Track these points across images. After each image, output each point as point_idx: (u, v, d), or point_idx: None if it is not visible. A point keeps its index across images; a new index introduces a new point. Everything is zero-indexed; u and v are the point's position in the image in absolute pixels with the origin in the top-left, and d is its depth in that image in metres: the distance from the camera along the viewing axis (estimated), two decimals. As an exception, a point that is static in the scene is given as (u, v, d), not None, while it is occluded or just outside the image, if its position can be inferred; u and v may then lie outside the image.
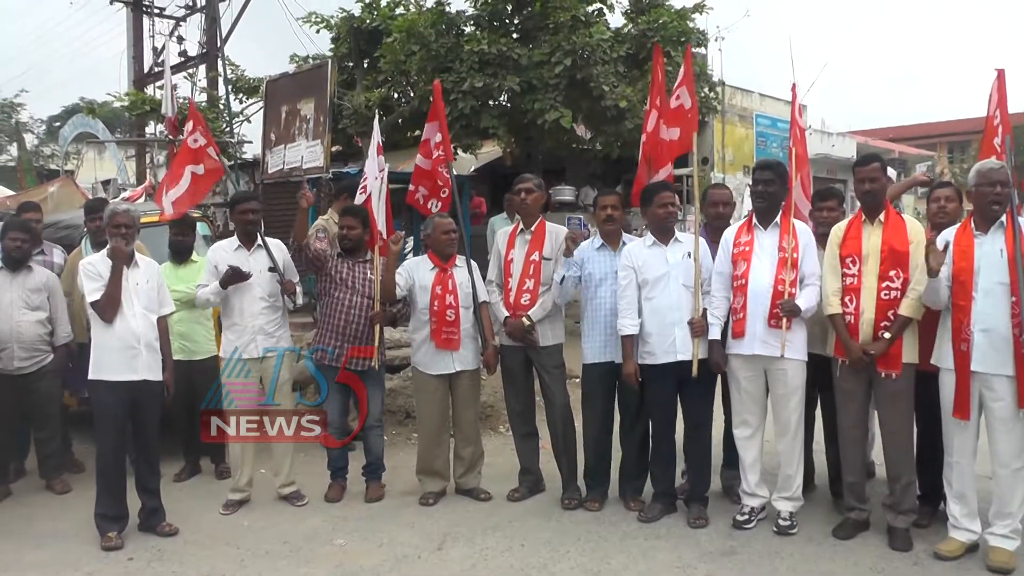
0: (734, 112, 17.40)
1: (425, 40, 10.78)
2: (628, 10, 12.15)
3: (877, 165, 4.91)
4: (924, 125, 45.04)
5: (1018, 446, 4.43)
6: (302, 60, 13.48)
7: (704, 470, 5.27)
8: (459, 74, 10.65)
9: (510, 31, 11.44)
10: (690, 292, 5.05)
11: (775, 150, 17.51)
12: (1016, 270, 4.33)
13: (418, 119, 11.55)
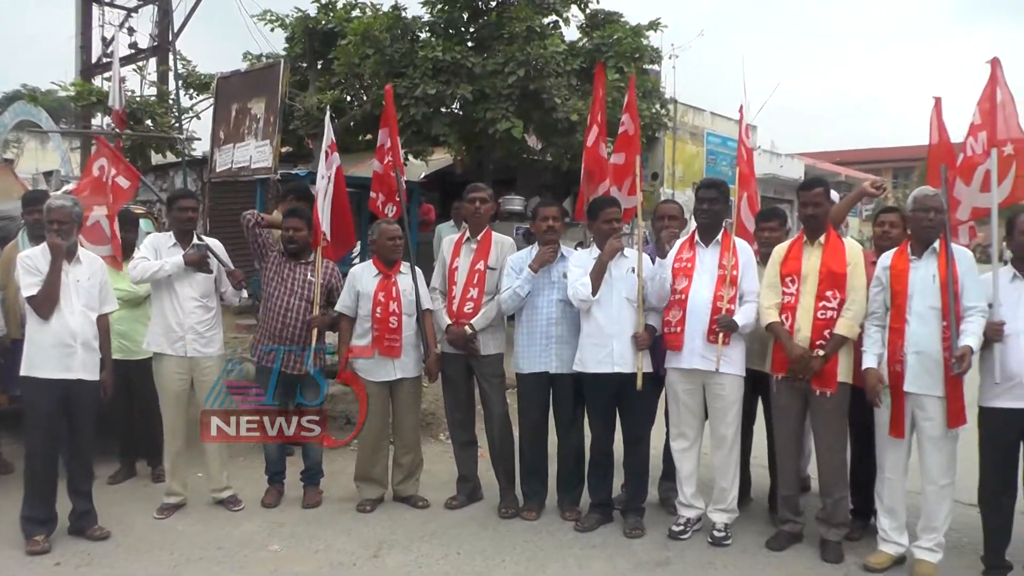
0: (685, 129, 17.60)
1: (380, 44, 10.74)
2: (583, 24, 12.25)
3: (821, 190, 5.03)
4: (871, 150, 46.19)
5: (947, 464, 4.59)
6: (255, 58, 13.32)
7: (642, 481, 5.32)
8: (412, 80, 10.63)
9: (465, 39, 11.46)
10: (633, 306, 5.11)
11: (725, 168, 17.76)
12: (948, 295, 4.48)
13: (370, 123, 11.50)
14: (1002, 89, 4.88)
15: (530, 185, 15.03)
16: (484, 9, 11.34)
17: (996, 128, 4.84)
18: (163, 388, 5.51)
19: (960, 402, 4.48)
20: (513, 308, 5.39)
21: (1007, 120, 4.87)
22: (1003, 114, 4.87)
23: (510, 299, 5.34)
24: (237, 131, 10.25)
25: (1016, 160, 4.86)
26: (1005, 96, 4.87)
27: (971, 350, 4.39)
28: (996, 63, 4.90)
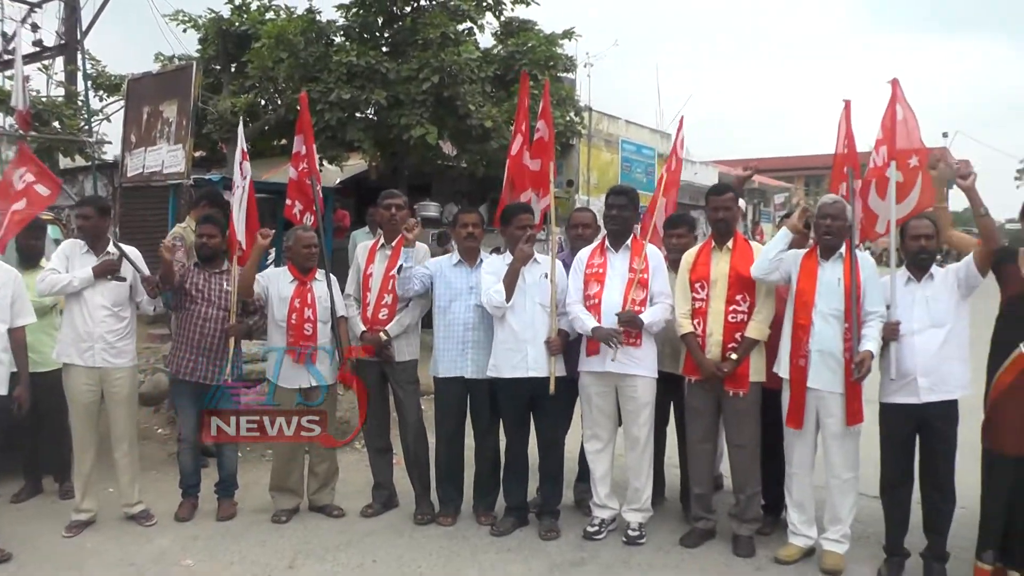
0: (600, 137, 17.80)
1: (294, 48, 10.61)
2: (498, 32, 12.31)
3: (731, 195, 5.21)
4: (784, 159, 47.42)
5: (849, 459, 4.80)
6: (167, 60, 12.96)
7: (557, 484, 5.39)
8: (327, 84, 10.54)
9: (380, 44, 11.41)
10: (546, 312, 5.18)
11: (639, 175, 18.04)
12: (850, 299, 4.68)
13: (285, 128, 11.37)
14: (903, 106, 5.07)
15: (446, 191, 15.04)
16: (399, 14, 11.32)
17: (896, 142, 5.04)
18: (73, 400, 5.35)
19: (858, 401, 4.69)
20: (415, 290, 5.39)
21: (910, 134, 5.06)
22: (905, 129, 5.06)
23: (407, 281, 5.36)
24: (149, 135, 10.03)
25: (921, 171, 5.07)
26: (906, 112, 5.07)
27: (871, 355, 4.59)
28: (896, 84, 5.10)
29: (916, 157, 5.06)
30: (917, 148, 5.07)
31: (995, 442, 4.52)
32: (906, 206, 5.03)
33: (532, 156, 5.80)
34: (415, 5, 11.31)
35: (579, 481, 5.78)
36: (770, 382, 5.01)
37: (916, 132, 5.08)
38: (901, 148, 5.02)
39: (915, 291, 4.72)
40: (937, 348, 4.59)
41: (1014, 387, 4.43)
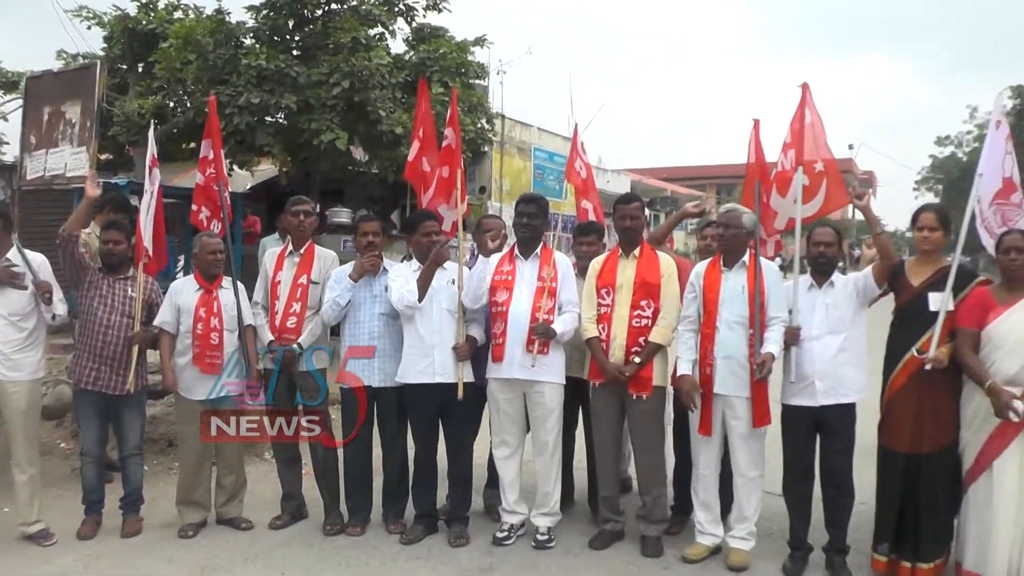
0: (513, 144, 17.85)
1: (202, 49, 10.38)
2: (409, 38, 12.26)
3: (638, 204, 5.33)
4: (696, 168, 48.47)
5: (755, 459, 4.95)
6: (71, 58, 12.51)
7: (465, 490, 5.40)
8: (236, 88, 10.33)
9: (290, 48, 11.24)
10: (453, 317, 5.21)
11: (552, 183, 18.16)
12: (754, 306, 4.82)
13: (194, 131, 11.09)
14: (811, 111, 5.25)
15: (358, 197, 14.90)
16: (309, 18, 11.18)
17: (804, 147, 5.21)
18: (-33, 415, 5.13)
19: (765, 404, 4.84)
20: (334, 317, 5.35)
21: (816, 140, 5.24)
22: (812, 134, 5.23)
23: (330, 309, 5.31)
24: (50, 136, 9.65)
25: (826, 176, 5.24)
26: (814, 118, 5.24)
27: (772, 356, 4.76)
28: (806, 88, 5.28)
29: (822, 162, 5.24)
30: (823, 155, 5.25)
31: (889, 440, 4.75)
32: (810, 208, 5.23)
33: (440, 163, 5.82)
34: (326, 9, 11.17)
35: (488, 487, 5.80)
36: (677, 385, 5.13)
37: (823, 138, 5.26)
38: (808, 152, 5.19)
39: (816, 297, 4.89)
40: (834, 353, 4.78)
41: (906, 389, 4.66)
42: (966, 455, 4.57)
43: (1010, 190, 4.87)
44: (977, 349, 4.48)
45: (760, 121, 5.55)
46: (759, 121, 5.53)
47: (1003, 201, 4.86)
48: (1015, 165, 4.94)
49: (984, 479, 4.46)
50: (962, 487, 4.60)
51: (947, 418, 4.60)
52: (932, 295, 4.65)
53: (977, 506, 4.49)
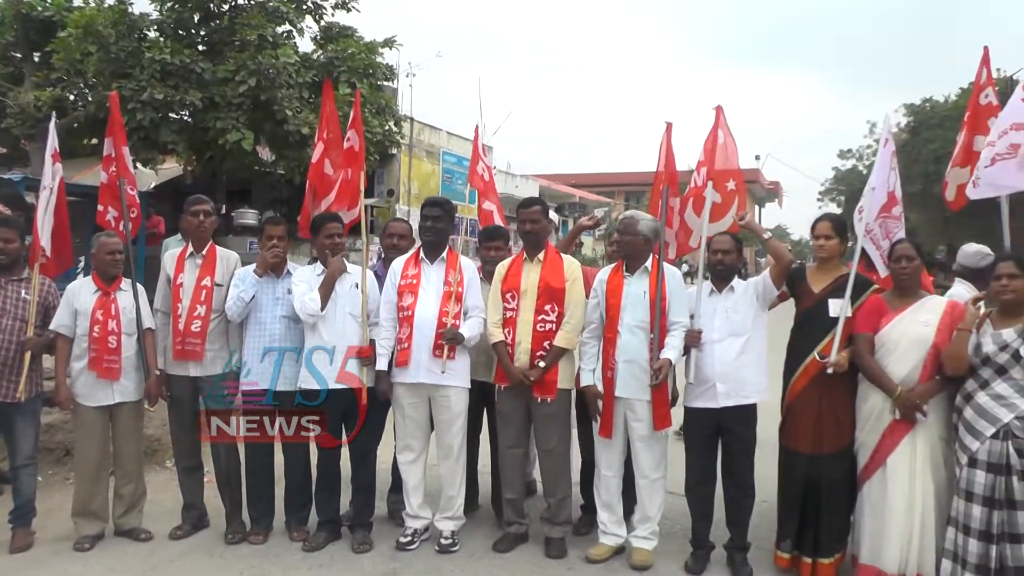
0: (422, 147, 17.83)
1: (104, 40, 10.08)
2: (317, 37, 12.14)
3: (538, 208, 5.36)
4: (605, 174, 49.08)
5: (657, 460, 5.04)
6: (-42, 44, 12.08)
7: (369, 496, 5.38)
8: (139, 82, 10.09)
9: (195, 43, 11.05)
10: (357, 322, 5.17)
11: (460, 187, 18.19)
12: (655, 311, 4.91)
13: (95, 126, 10.77)
14: (724, 131, 5.38)
15: (265, 199, 14.70)
16: (216, 12, 10.99)
17: (714, 165, 5.33)
18: None
19: (665, 407, 4.93)
20: (239, 314, 5.23)
21: (728, 159, 5.38)
22: (724, 154, 5.37)
23: (235, 304, 5.21)
24: (-65, 129, 9.27)
25: (738, 195, 5.38)
26: (727, 138, 5.37)
27: (670, 362, 4.84)
28: (719, 110, 5.41)
29: (733, 181, 5.38)
30: (735, 172, 5.39)
31: (791, 442, 4.90)
32: (722, 224, 5.35)
33: (343, 165, 5.76)
34: (233, 4, 11.02)
35: (392, 492, 5.78)
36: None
37: (735, 157, 5.41)
38: (720, 170, 5.32)
39: (717, 302, 5.01)
40: (735, 356, 4.90)
41: (806, 391, 4.82)
42: (861, 454, 4.75)
43: (892, 204, 5.11)
44: (873, 353, 4.68)
45: (672, 125, 5.63)
46: (671, 124, 5.61)
47: (887, 214, 5.09)
48: (898, 180, 5.19)
49: (878, 476, 4.64)
50: (857, 484, 4.77)
51: (846, 420, 4.78)
52: (832, 301, 4.84)
53: (872, 502, 4.67)
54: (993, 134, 5.09)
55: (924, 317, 4.61)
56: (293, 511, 5.44)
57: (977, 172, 5.08)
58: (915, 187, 26.77)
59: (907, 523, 4.51)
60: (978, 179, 5.10)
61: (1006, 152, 4.92)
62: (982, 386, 4.31)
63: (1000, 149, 4.96)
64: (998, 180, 5.01)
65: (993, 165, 4.99)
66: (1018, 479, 4.14)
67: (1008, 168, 4.91)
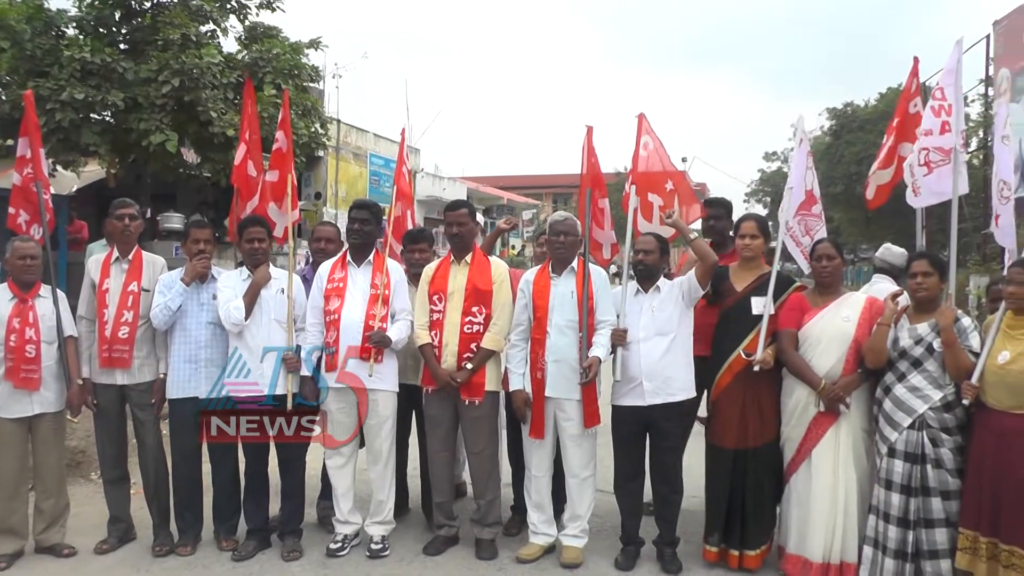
0: (349, 150, 17.71)
1: (18, 37, 9.74)
2: (241, 36, 11.94)
3: (465, 211, 5.37)
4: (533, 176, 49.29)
5: (586, 458, 5.10)
6: None
7: (298, 503, 5.34)
8: (58, 81, 9.79)
9: (117, 41, 10.77)
10: (282, 327, 5.12)
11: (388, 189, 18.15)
12: (583, 310, 4.95)
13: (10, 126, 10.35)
14: (651, 137, 5.46)
15: (191, 202, 14.46)
16: (137, 10, 10.73)
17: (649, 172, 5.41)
18: None
19: (594, 404, 4.99)
20: (165, 322, 5.12)
21: (661, 160, 5.45)
22: (657, 157, 5.44)
23: (161, 313, 5.10)
24: None
25: (678, 194, 5.47)
26: (655, 142, 5.44)
27: (598, 360, 4.90)
28: (642, 117, 5.48)
29: (671, 181, 5.48)
30: (671, 173, 5.47)
31: (716, 437, 5.02)
32: (630, 223, 5.43)
33: (271, 167, 5.70)
34: (155, 2, 10.78)
35: (322, 498, 5.74)
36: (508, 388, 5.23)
37: (667, 158, 5.48)
38: (654, 174, 5.42)
39: (643, 301, 5.07)
40: (661, 354, 4.96)
41: (731, 388, 4.95)
42: (787, 448, 4.90)
43: (811, 202, 5.28)
44: (796, 349, 4.83)
45: (593, 128, 5.67)
46: (592, 128, 5.66)
47: (806, 212, 5.25)
48: (815, 179, 5.37)
49: (804, 469, 4.79)
50: (784, 477, 4.92)
51: (770, 414, 4.92)
52: (755, 299, 4.98)
53: (798, 494, 4.82)
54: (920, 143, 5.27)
55: (845, 313, 4.78)
56: (222, 520, 5.34)
57: (918, 181, 5.24)
58: (838, 188, 27.58)
59: (831, 513, 4.67)
60: (918, 187, 5.26)
61: (939, 160, 5.09)
62: (899, 379, 4.50)
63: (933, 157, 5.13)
64: (936, 187, 5.18)
65: (931, 173, 5.15)
66: (932, 467, 4.35)
67: (944, 175, 5.09)
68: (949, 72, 5.14)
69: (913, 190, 5.31)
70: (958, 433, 4.41)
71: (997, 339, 4.33)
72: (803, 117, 5.38)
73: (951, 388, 4.40)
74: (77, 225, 12.80)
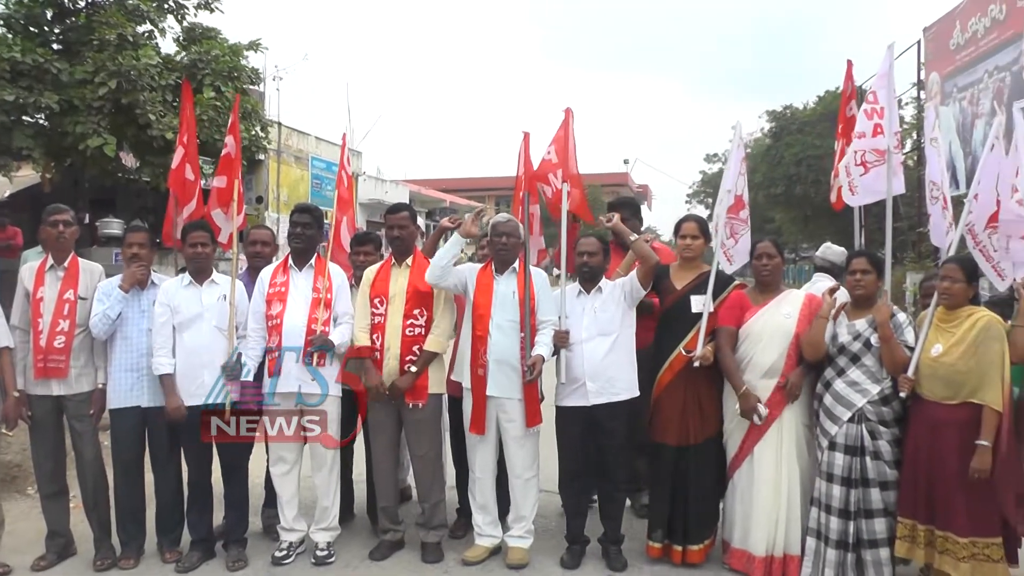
0: (290, 153, 17.54)
1: (-60, 35, 9.47)
2: (180, 37, 11.74)
3: (406, 214, 5.38)
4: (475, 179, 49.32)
5: (529, 459, 5.12)
6: None
7: (242, 512, 5.26)
8: (-15, 82, 9.53)
9: (49, 41, 10.50)
10: (223, 334, 5.05)
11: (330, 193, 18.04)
12: (524, 310, 4.97)
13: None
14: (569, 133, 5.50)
15: (131, 207, 14.17)
16: (71, 9, 10.48)
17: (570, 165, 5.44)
18: None
19: (536, 404, 5.01)
20: (105, 332, 5.01)
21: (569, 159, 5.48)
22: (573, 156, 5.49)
23: (100, 322, 4.98)
24: None
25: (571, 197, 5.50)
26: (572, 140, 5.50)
27: (542, 358, 4.92)
28: (569, 112, 5.53)
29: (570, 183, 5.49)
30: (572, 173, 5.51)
31: (658, 434, 5.08)
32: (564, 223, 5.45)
33: (217, 173, 5.61)
34: (89, 1, 10.53)
35: (266, 506, 5.67)
36: (451, 391, 5.25)
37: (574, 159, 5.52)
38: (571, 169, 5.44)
39: (585, 302, 5.11)
40: (604, 355, 5.00)
41: (672, 385, 5.03)
42: (729, 444, 5.00)
43: (739, 207, 5.38)
44: (735, 346, 4.92)
45: (530, 135, 5.73)
46: (529, 134, 5.73)
47: (733, 216, 5.34)
48: (746, 184, 5.49)
49: (747, 465, 4.90)
50: (727, 473, 5.01)
51: (711, 410, 5.02)
52: (694, 298, 5.07)
53: (741, 489, 4.92)
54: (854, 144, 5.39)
55: (786, 309, 4.90)
56: (165, 532, 5.25)
57: (854, 180, 5.36)
58: (779, 189, 28.08)
59: (774, 507, 4.78)
60: (855, 186, 5.38)
61: (875, 161, 5.22)
62: (839, 374, 4.62)
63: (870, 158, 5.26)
64: (873, 187, 5.31)
65: (868, 173, 5.28)
66: (871, 459, 4.49)
67: (880, 175, 5.21)
68: (882, 76, 5.28)
69: (850, 189, 5.43)
70: (895, 425, 4.56)
71: (930, 333, 4.50)
72: (741, 123, 5.52)
73: (888, 382, 4.55)
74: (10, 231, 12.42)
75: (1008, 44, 16.28)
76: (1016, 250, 4.89)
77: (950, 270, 4.46)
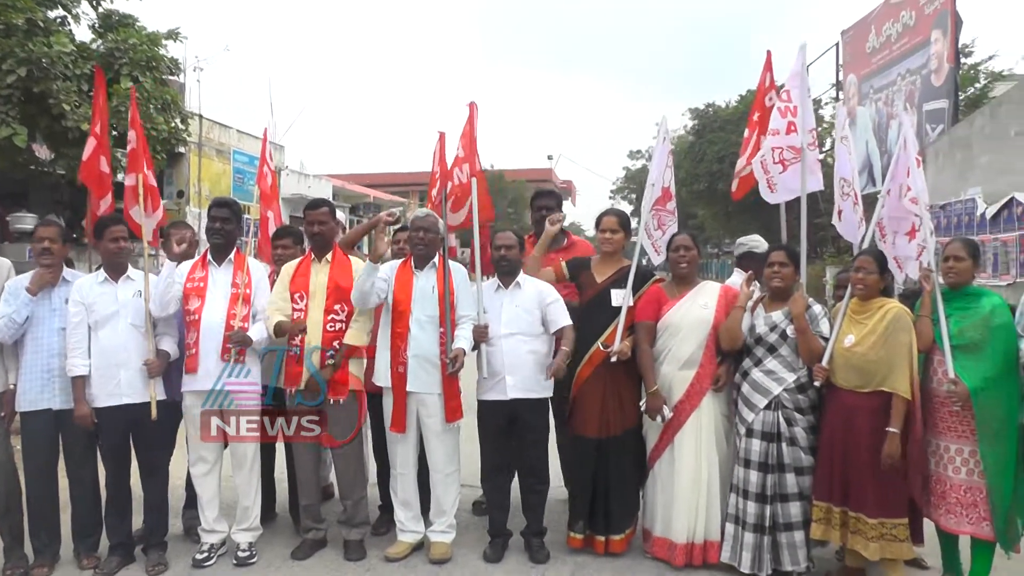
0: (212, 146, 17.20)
1: None
2: (95, 24, 11.33)
3: (326, 209, 5.35)
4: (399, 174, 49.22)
5: (450, 454, 5.15)
6: None
7: (161, 514, 5.16)
8: None
9: (-49, 25, 10.04)
10: (140, 332, 4.93)
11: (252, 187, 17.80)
12: (444, 305, 4.98)
13: None
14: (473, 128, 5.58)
15: (45, 201, 13.70)
16: (-25, -9, 10.00)
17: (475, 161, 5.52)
18: None
19: (456, 399, 5.03)
20: (11, 336, 4.83)
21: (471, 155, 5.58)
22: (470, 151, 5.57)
23: (6, 327, 4.80)
24: None
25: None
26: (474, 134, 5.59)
27: (463, 351, 4.94)
28: (473, 106, 5.61)
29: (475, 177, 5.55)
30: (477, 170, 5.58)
31: (578, 427, 5.14)
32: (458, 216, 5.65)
33: (128, 170, 5.46)
34: (-7, -19, 10.07)
35: (187, 508, 5.57)
36: (370, 387, 5.21)
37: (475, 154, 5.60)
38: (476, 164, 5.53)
39: (504, 297, 5.15)
40: (524, 351, 5.05)
41: (591, 379, 5.09)
42: (650, 435, 5.10)
43: (667, 198, 5.50)
44: (654, 340, 5.01)
45: (445, 135, 5.86)
46: (444, 135, 5.84)
47: (661, 208, 5.47)
48: (673, 177, 5.59)
49: (667, 454, 5.00)
50: (647, 463, 5.10)
51: (630, 402, 5.09)
52: (614, 291, 5.14)
53: (662, 479, 5.02)
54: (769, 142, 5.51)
55: (703, 301, 5.02)
56: (82, 537, 5.08)
57: (774, 178, 5.47)
58: (701, 185, 28.58)
59: (694, 495, 4.89)
60: (775, 184, 5.51)
61: (792, 158, 5.34)
62: (756, 363, 4.77)
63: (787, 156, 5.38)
64: (791, 184, 5.47)
65: (787, 171, 5.43)
66: (787, 445, 4.64)
67: (798, 172, 5.34)
68: (795, 75, 5.43)
69: (769, 186, 5.56)
70: (811, 413, 4.73)
71: (844, 324, 4.66)
72: (667, 118, 5.61)
73: (803, 371, 4.71)
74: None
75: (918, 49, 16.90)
76: (901, 245, 5.14)
77: (864, 262, 4.63)
